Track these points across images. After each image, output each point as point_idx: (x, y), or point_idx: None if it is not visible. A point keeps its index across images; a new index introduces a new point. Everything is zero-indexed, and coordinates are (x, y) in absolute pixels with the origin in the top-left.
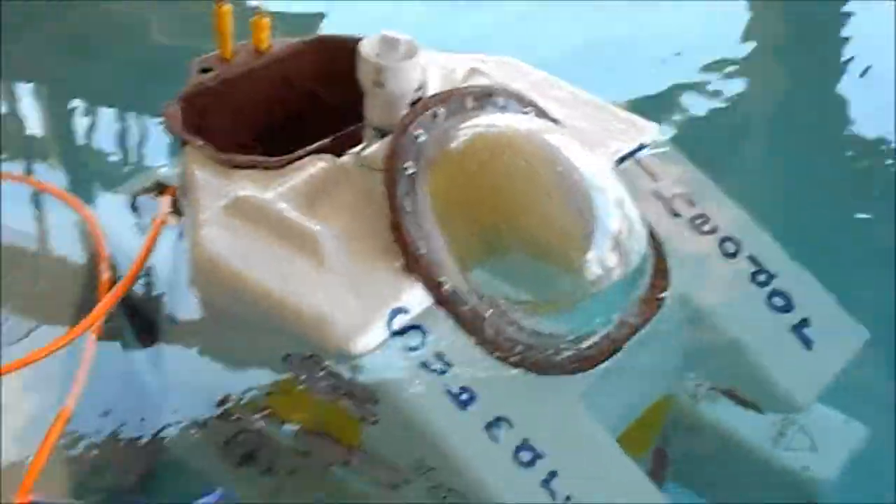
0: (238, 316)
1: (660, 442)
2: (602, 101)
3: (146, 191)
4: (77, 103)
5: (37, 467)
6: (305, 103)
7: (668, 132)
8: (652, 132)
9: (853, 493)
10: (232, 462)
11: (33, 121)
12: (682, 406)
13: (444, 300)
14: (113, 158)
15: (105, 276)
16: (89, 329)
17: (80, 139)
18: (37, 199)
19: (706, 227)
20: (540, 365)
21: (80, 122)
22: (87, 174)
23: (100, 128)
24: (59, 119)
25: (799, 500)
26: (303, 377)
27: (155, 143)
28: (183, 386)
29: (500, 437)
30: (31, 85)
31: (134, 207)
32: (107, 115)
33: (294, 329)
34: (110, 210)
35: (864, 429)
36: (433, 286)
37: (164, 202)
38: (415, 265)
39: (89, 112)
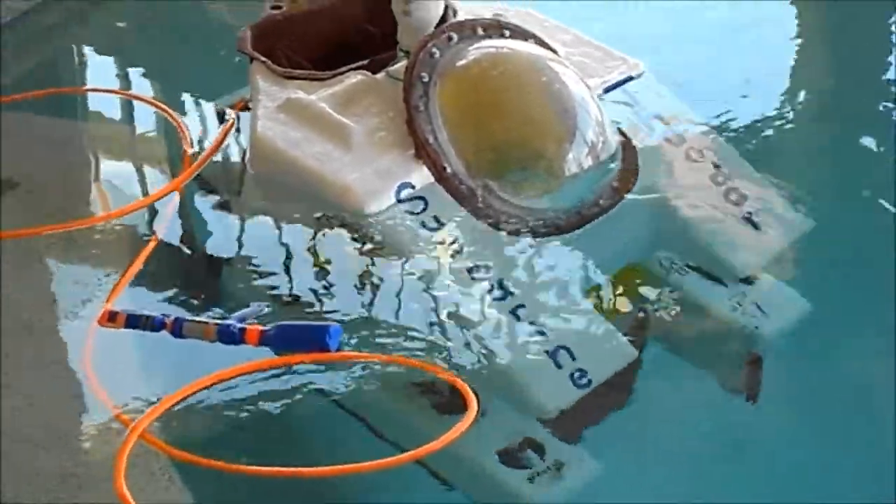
0: (283, 186)
1: (640, 307)
2: (601, 44)
3: (230, 106)
4: None
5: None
6: (358, 38)
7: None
8: (639, 68)
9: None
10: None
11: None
12: (656, 278)
13: (445, 179)
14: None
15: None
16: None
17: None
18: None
19: (675, 140)
20: (517, 228)
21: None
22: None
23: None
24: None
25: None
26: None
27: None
28: None
29: (479, 278)
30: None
31: (221, 118)
32: None
33: (325, 195)
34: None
35: (808, 304)
36: (437, 168)
37: (236, 110)
38: (422, 152)
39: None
